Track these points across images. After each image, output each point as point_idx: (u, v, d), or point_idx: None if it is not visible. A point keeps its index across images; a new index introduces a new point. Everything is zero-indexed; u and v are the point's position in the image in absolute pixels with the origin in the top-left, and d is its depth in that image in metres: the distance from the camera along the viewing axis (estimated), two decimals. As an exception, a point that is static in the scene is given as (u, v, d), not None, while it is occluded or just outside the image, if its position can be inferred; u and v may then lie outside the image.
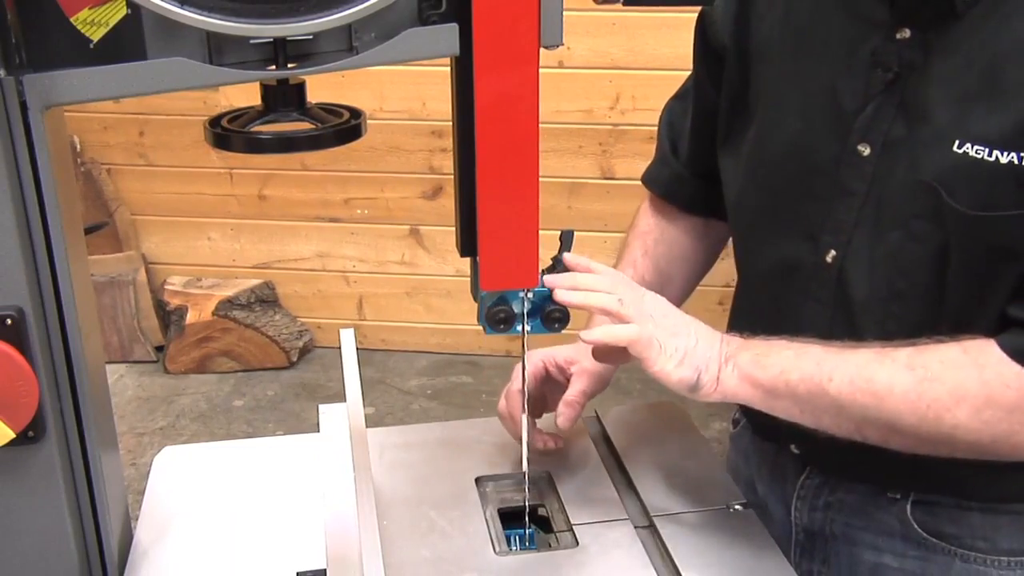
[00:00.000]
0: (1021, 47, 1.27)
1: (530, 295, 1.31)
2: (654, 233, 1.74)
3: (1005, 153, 1.26)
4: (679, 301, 1.71)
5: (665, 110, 1.77)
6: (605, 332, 1.35)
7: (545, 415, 1.62)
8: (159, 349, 4.84)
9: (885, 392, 1.31)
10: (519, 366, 1.48)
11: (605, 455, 1.62)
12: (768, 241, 1.54)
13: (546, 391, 1.62)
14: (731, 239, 1.69)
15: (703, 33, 1.63)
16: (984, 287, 1.34)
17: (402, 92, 4.42)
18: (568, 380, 1.58)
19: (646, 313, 1.38)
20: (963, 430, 1.30)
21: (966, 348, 1.30)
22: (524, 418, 1.49)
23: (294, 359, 4.80)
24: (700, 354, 1.36)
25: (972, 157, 1.29)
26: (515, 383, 1.56)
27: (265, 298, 4.86)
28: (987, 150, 1.28)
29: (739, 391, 1.36)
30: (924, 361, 1.30)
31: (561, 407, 1.54)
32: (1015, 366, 1.28)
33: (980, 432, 1.29)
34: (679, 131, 1.73)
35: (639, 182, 1.78)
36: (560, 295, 1.35)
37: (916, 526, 1.50)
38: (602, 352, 1.46)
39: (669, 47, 4.13)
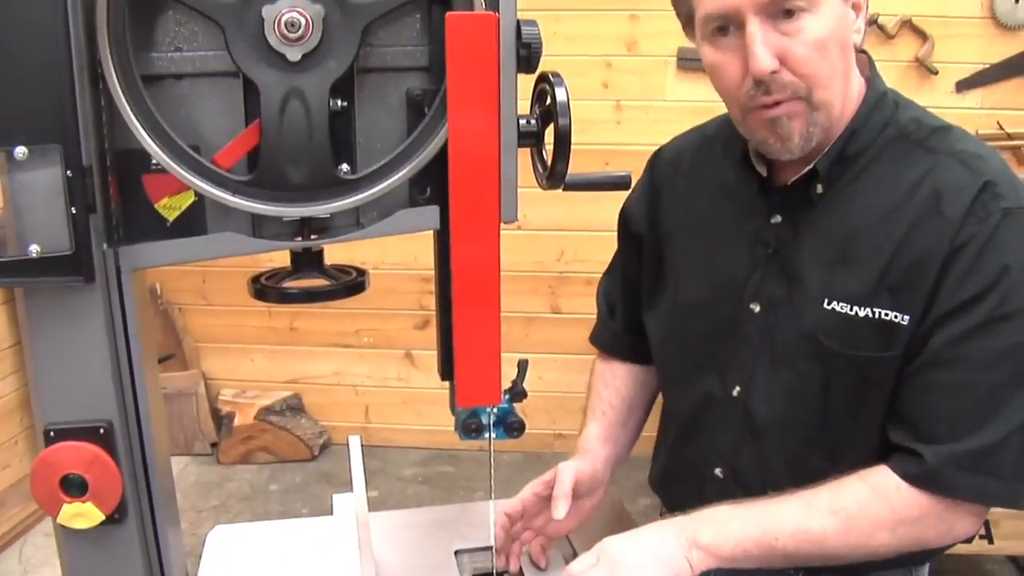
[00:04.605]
0: (862, 227, 1.30)
1: (495, 410, 1.30)
2: (611, 371, 1.71)
3: (862, 308, 1.28)
4: (644, 420, 1.69)
5: (600, 283, 1.77)
6: None
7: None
8: (214, 445, 4.76)
9: (821, 539, 1.28)
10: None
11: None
12: (686, 380, 1.52)
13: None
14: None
15: (625, 224, 1.65)
16: (858, 411, 1.33)
17: (398, 248, 4.41)
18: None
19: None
20: (885, 547, 1.29)
21: (870, 484, 1.29)
22: (491, 503, 1.48)
23: (316, 453, 4.72)
24: (671, 563, 1.27)
25: (838, 312, 1.30)
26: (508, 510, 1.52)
27: (294, 406, 4.81)
28: (848, 306, 1.29)
29: (709, 565, 1.29)
30: (842, 504, 1.28)
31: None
32: (911, 488, 1.27)
33: (899, 544, 1.29)
34: (613, 299, 1.73)
35: (580, 316, 1.79)
36: None
37: None
38: None
39: (600, 214, 4.05)
